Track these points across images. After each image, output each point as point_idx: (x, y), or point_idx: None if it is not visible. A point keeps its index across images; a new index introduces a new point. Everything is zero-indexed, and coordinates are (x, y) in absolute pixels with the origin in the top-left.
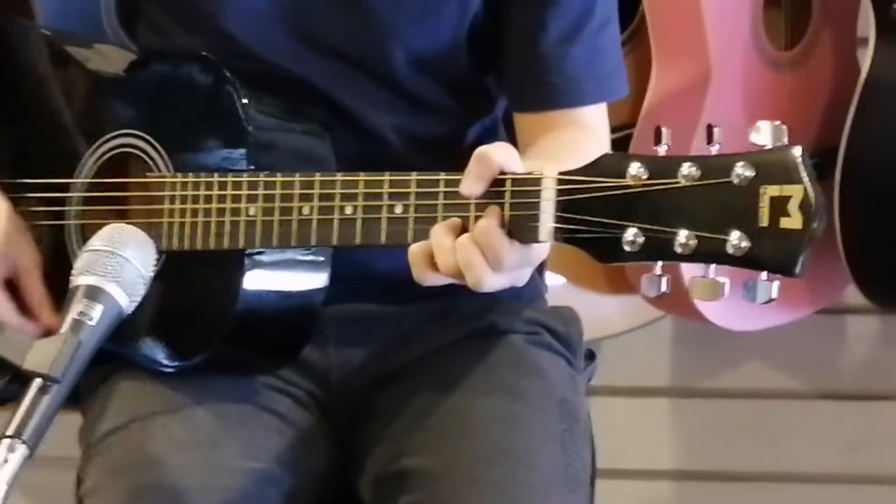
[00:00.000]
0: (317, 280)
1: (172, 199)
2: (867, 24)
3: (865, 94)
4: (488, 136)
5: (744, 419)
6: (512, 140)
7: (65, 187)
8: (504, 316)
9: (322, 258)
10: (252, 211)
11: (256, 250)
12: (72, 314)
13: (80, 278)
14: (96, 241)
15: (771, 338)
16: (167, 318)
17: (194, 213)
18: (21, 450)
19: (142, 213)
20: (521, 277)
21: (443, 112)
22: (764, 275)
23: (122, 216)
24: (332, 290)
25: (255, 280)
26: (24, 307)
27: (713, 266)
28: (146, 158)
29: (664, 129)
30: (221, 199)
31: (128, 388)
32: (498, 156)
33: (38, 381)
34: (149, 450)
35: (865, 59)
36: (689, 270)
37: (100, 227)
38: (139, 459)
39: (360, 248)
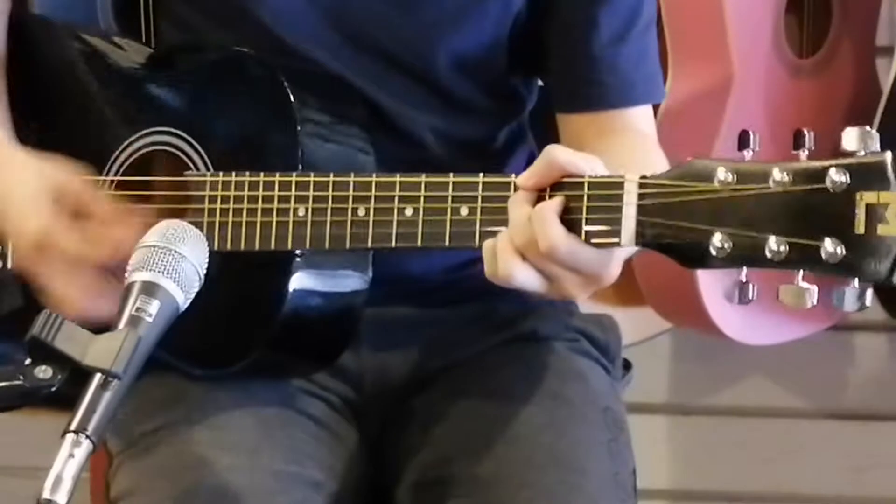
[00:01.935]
0: (359, 282)
1: (214, 199)
2: (884, 33)
3: (893, 101)
4: (517, 139)
5: (744, 438)
6: (540, 143)
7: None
8: (543, 322)
9: (363, 259)
10: (301, 211)
11: (300, 252)
12: (129, 310)
13: (134, 274)
14: (151, 237)
15: (773, 354)
16: (208, 323)
17: (237, 212)
18: (86, 444)
19: (179, 213)
20: (602, 280)
21: (478, 113)
22: (855, 282)
23: (156, 216)
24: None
25: (300, 283)
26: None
27: (801, 273)
28: (182, 156)
29: (751, 134)
30: (268, 199)
31: (163, 390)
32: (562, 157)
33: (98, 377)
34: (193, 452)
35: (892, 66)
36: (706, 282)
37: None
38: (183, 462)
39: (420, 251)
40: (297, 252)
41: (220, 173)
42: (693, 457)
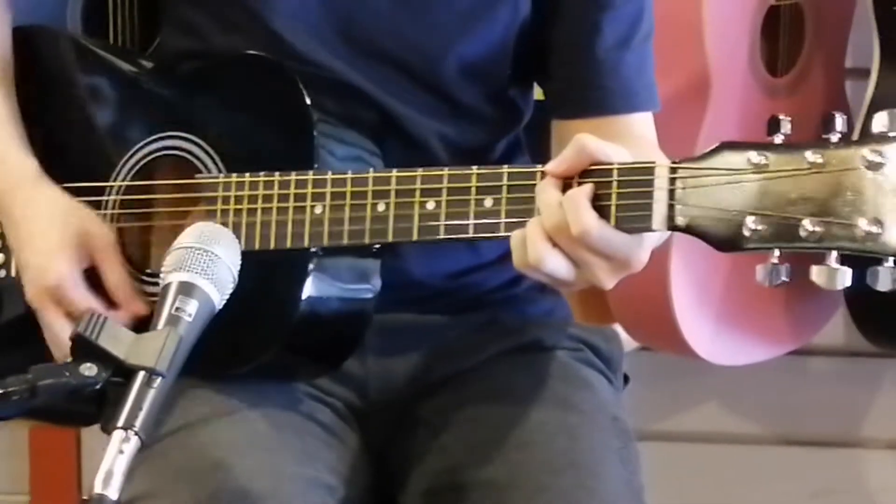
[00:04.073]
0: (369, 288)
1: (227, 200)
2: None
3: (870, 122)
4: (515, 149)
5: (699, 464)
6: (534, 157)
7: (102, 192)
8: (546, 331)
9: (373, 266)
10: (319, 209)
11: (315, 255)
12: (167, 310)
13: (171, 275)
14: (186, 239)
15: (730, 379)
16: (222, 324)
17: (252, 212)
18: (134, 441)
19: (192, 216)
20: (631, 265)
21: (481, 120)
22: (890, 261)
23: (169, 219)
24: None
25: (315, 286)
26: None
27: (834, 254)
28: (193, 159)
29: (781, 118)
30: (283, 198)
31: (176, 393)
32: (592, 144)
33: (142, 375)
34: (211, 454)
35: (868, 87)
36: (680, 299)
37: (139, 230)
38: (202, 464)
39: (443, 244)
40: (313, 250)
41: (234, 174)
42: (647, 483)
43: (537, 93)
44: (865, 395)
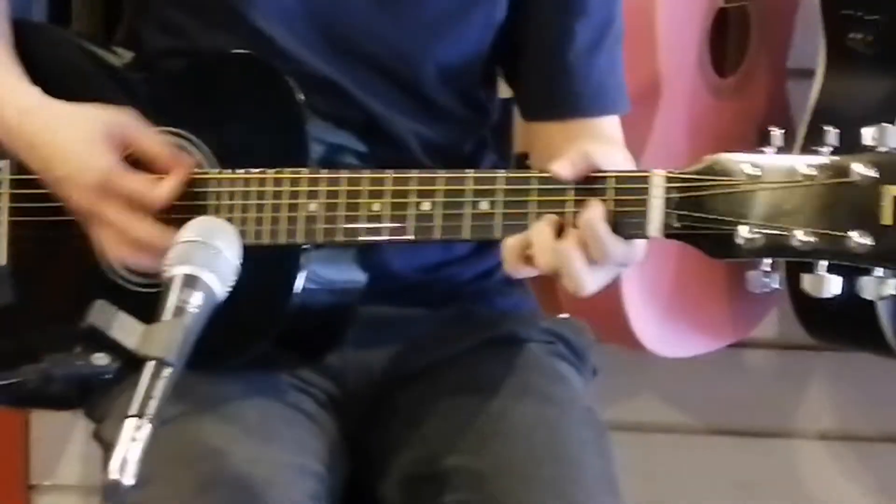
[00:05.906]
0: (357, 283)
1: (221, 196)
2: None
3: (815, 124)
4: (483, 148)
5: (629, 454)
6: (500, 154)
7: None
8: (521, 324)
9: (360, 258)
10: (313, 207)
11: (306, 250)
12: (174, 301)
13: (175, 268)
14: (188, 233)
15: (661, 371)
16: (215, 316)
17: (246, 208)
18: (146, 428)
19: (187, 210)
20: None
21: (454, 120)
22: (879, 271)
23: (165, 214)
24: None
25: (307, 279)
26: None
27: (824, 263)
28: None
29: (773, 131)
30: (278, 195)
31: None
32: (598, 156)
33: (151, 365)
34: (207, 443)
35: (813, 88)
36: (629, 289)
37: None
38: (201, 452)
39: (439, 243)
40: (305, 246)
41: (228, 171)
42: None
43: (501, 92)
44: (797, 388)
